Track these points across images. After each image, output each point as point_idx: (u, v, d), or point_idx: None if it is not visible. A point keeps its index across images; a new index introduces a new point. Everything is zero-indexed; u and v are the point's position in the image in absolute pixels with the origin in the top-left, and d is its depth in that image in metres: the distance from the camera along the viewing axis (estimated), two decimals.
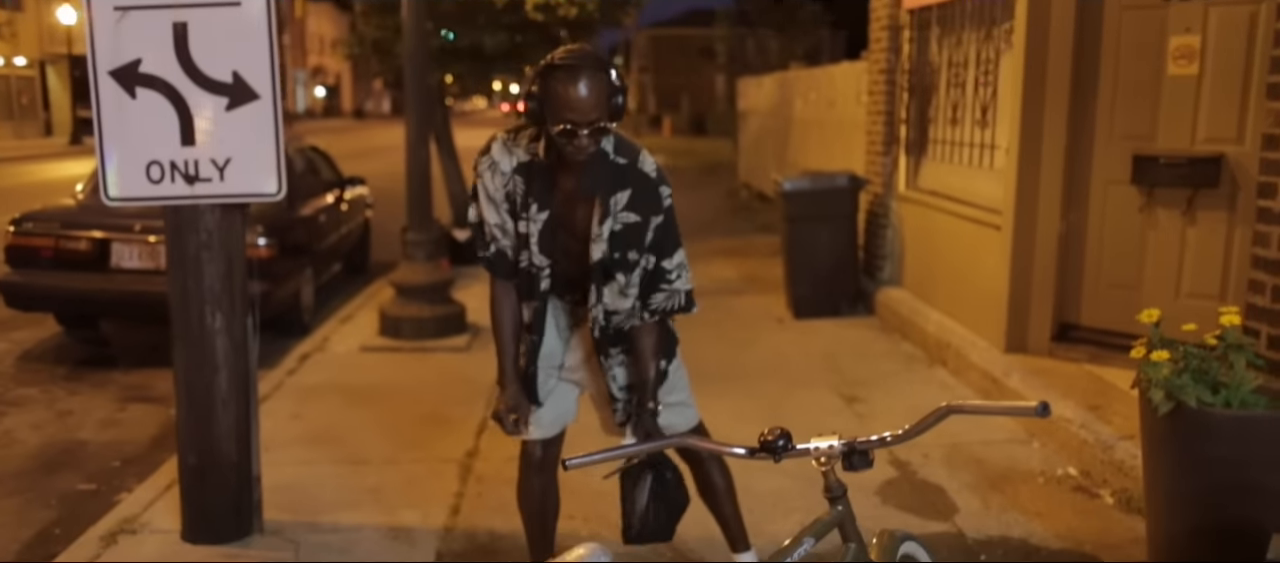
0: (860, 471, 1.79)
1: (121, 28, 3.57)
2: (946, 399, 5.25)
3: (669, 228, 2.69)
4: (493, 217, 2.70)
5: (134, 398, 5.86)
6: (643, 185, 2.62)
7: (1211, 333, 3.04)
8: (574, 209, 2.66)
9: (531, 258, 2.69)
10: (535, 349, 2.82)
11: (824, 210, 7.22)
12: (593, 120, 2.44)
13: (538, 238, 2.66)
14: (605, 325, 2.75)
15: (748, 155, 16.15)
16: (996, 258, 5.55)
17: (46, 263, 6.55)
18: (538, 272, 2.71)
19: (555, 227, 2.67)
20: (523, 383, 2.83)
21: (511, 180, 2.66)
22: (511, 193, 2.67)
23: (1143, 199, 5.07)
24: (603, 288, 2.69)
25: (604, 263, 2.65)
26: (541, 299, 2.76)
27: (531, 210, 2.65)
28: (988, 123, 5.95)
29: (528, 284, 2.74)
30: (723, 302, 7.99)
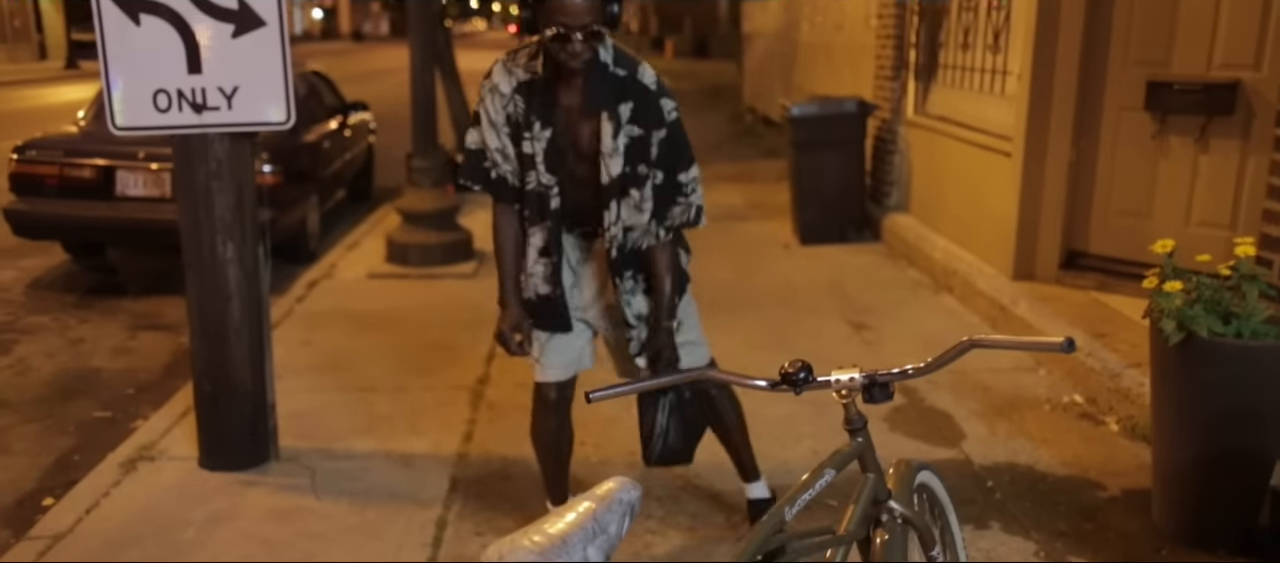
0: (880, 403, 1.80)
1: None
2: (953, 327, 5.29)
3: (677, 141, 2.68)
4: (494, 141, 2.69)
5: (144, 326, 5.90)
6: (643, 97, 2.62)
7: (1224, 263, 3.03)
8: (579, 126, 2.65)
9: (539, 178, 2.68)
10: (556, 271, 2.79)
11: (832, 136, 7.17)
12: (585, 24, 2.43)
13: (543, 157, 2.66)
14: (623, 243, 2.73)
15: (753, 79, 15.97)
16: (1006, 185, 5.53)
17: (51, 191, 6.53)
18: (546, 191, 2.69)
19: (560, 145, 2.66)
20: (548, 307, 2.82)
21: (511, 101, 2.65)
22: (512, 114, 2.66)
23: (1155, 126, 5.03)
24: (619, 203, 2.67)
25: (621, 178, 2.64)
26: (553, 220, 2.73)
27: (535, 129, 2.64)
28: (1000, 48, 5.87)
29: (537, 206, 2.72)
30: (729, 227, 7.98)
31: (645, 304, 2.81)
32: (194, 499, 3.49)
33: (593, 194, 2.70)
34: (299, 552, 3.15)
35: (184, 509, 3.43)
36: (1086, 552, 3.09)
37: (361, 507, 3.44)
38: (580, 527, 1.33)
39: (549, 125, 2.63)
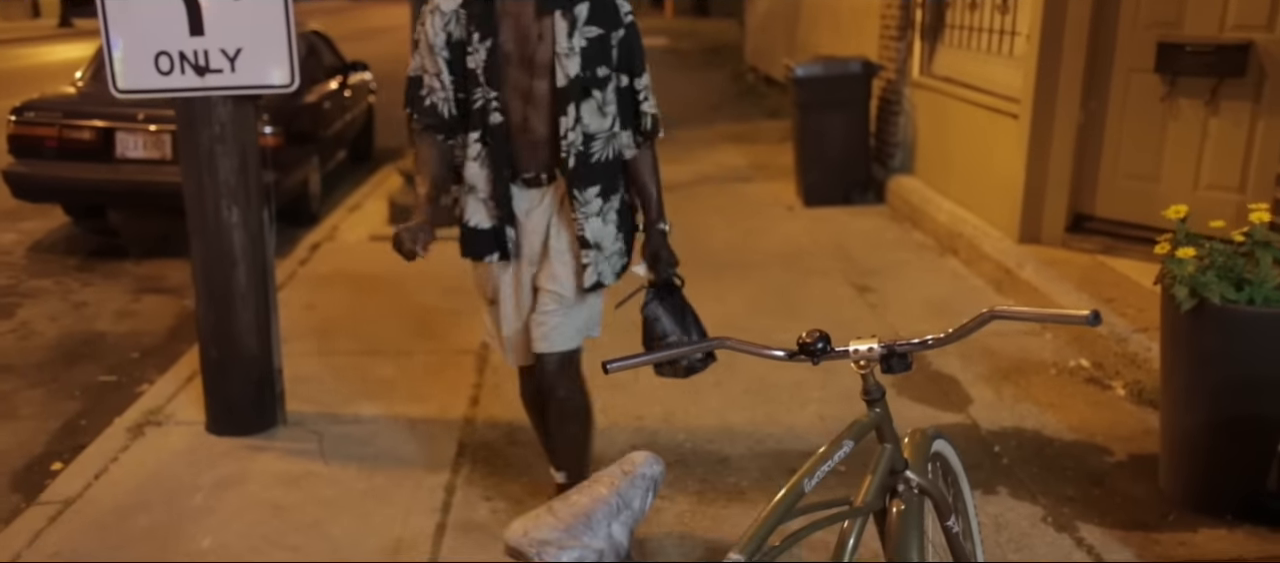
0: (899, 373, 1.79)
1: None
2: (958, 291, 5.28)
3: (634, 44, 2.65)
4: (431, 66, 2.62)
5: (147, 289, 5.88)
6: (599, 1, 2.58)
7: (1238, 229, 3.02)
8: (527, 31, 2.56)
9: (481, 91, 2.58)
10: (505, 194, 2.65)
11: (836, 97, 7.11)
12: None
13: (484, 69, 2.56)
14: (584, 152, 2.62)
15: (755, 37, 15.82)
16: (1012, 147, 5.49)
17: (51, 153, 6.48)
18: (487, 104, 2.59)
19: (504, 53, 2.57)
20: (495, 235, 2.70)
21: (453, 18, 2.57)
22: (454, 33, 2.58)
23: (1165, 88, 4.98)
24: (579, 106, 2.58)
25: (581, 79, 2.56)
26: (496, 138, 2.60)
27: (474, 40, 2.56)
28: (1008, 8, 5.81)
29: (480, 122, 2.61)
30: (732, 189, 7.95)
31: (602, 226, 2.69)
32: (202, 464, 3.50)
33: (545, 107, 2.60)
34: (309, 517, 3.16)
35: (192, 474, 3.44)
36: (1094, 517, 3.10)
37: (370, 472, 3.45)
38: (604, 502, 1.32)
39: (489, 35, 2.55)
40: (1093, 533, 3.01)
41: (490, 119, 2.59)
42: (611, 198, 2.71)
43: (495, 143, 2.61)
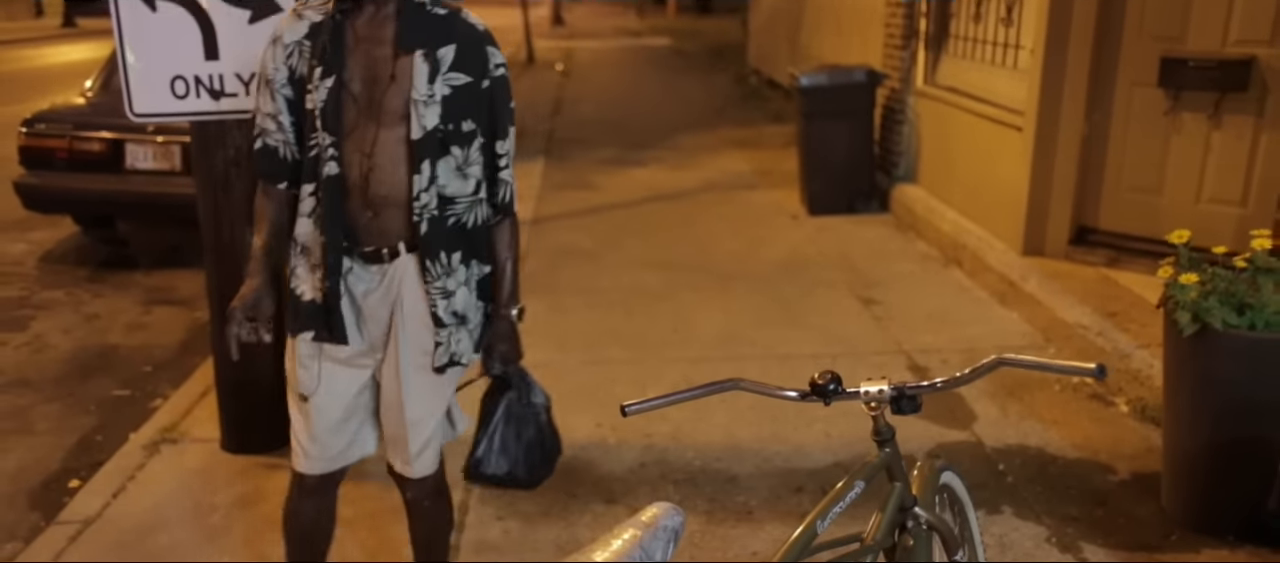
0: (908, 414, 1.84)
1: None
2: (962, 303, 5.32)
3: (503, 99, 2.26)
4: (267, 105, 2.24)
5: (158, 300, 5.93)
6: (471, 39, 2.21)
7: (1239, 249, 3.06)
8: (378, 74, 2.16)
9: (317, 137, 2.17)
10: (336, 264, 2.22)
11: (841, 106, 7.15)
12: None
13: (321, 111, 2.15)
14: (439, 218, 2.21)
15: (758, 40, 15.86)
16: (1016, 159, 5.53)
17: (61, 164, 6.52)
18: (322, 152, 2.17)
19: (348, 94, 2.16)
20: (324, 310, 2.26)
21: (294, 50, 2.20)
22: (294, 67, 2.21)
23: (1168, 102, 5.02)
24: (436, 164, 2.18)
25: (439, 133, 2.17)
26: (330, 190, 2.18)
27: (315, 77, 2.16)
28: (1012, 21, 5.85)
29: (314, 175, 2.20)
30: (736, 196, 8.00)
31: (465, 298, 2.31)
32: (220, 483, 3.55)
33: (394, 162, 2.18)
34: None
35: (210, 493, 3.49)
36: (1098, 537, 3.15)
37: (386, 490, 3.48)
38: (625, 555, 1.36)
39: (332, 71, 2.14)
40: (1096, 554, 3.06)
41: (324, 170, 2.17)
42: (476, 266, 2.32)
43: (330, 199, 2.18)
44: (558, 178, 8.79)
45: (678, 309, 5.31)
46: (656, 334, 4.96)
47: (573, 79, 17.17)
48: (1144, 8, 5.04)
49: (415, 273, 2.26)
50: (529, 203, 7.84)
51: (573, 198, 8.02)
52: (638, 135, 11.01)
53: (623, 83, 16.82)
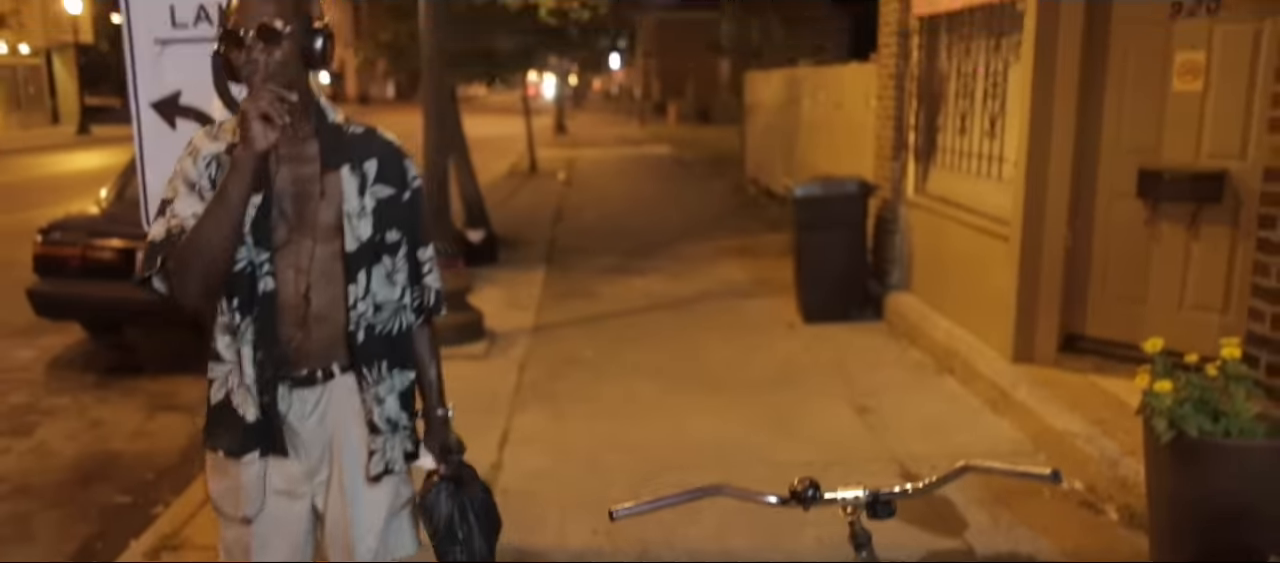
0: (883, 519, 1.92)
1: (162, 61, 3.70)
2: (954, 411, 5.40)
3: (420, 209, 2.37)
4: (191, 206, 2.14)
5: (162, 406, 6.02)
6: (390, 154, 2.30)
7: (1212, 363, 3.16)
8: (309, 189, 2.22)
9: (245, 252, 2.16)
10: (273, 382, 2.21)
11: (834, 216, 7.34)
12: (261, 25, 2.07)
13: (252, 227, 2.15)
14: (371, 325, 2.28)
15: (755, 151, 16.23)
16: (1004, 267, 5.67)
17: (74, 272, 6.68)
18: (256, 270, 2.18)
19: (279, 210, 2.19)
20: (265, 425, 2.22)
21: (215, 163, 2.18)
22: (216, 179, 2.17)
23: (1147, 212, 5.18)
24: (371, 274, 2.26)
25: (372, 244, 2.25)
26: (263, 307, 2.19)
27: None
28: (996, 134, 6.06)
29: (246, 292, 2.18)
30: (733, 304, 8.13)
31: (394, 405, 2.34)
32: None
33: (327, 275, 2.24)
34: None
35: None
36: None
37: None
38: None
39: (261, 187, 2.15)
40: None
41: (259, 287, 2.18)
42: (401, 373, 2.36)
43: (264, 316, 2.20)
44: (559, 287, 8.94)
45: (675, 417, 5.38)
46: (654, 442, 5.03)
47: (575, 187, 17.52)
48: (1120, 122, 5.24)
49: (350, 389, 2.30)
50: (530, 311, 7.98)
51: (573, 306, 8.16)
52: (638, 244, 11.22)
53: (624, 191, 17.15)
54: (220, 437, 2.25)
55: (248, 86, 2.09)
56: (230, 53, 2.11)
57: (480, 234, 10.16)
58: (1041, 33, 5.30)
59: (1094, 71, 5.29)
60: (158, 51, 3.73)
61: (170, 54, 3.72)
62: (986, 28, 6.16)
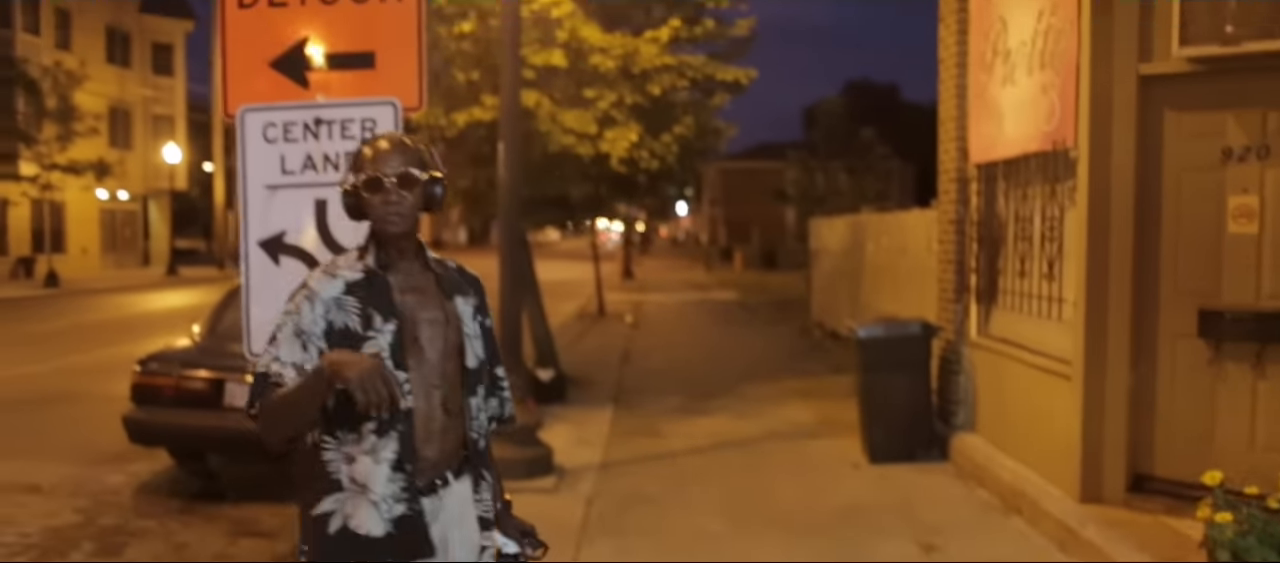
0: None
1: (271, 205, 4.08)
2: (1022, 552, 5.37)
3: (493, 333, 2.66)
4: (295, 355, 2.35)
5: (244, 532, 6.24)
6: (480, 287, 2.64)
7: (1274, 496, 3.19)
8: (429, 313, 2.48)
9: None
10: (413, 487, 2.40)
11: (898, 357, 7.44)
12: (400, 170, 2.39)
13: (391, 351, 2.39)
14: (477, 440, 2.58)
15: (820, 295, 16.42)
16: (1068, 407, 5.70)
17: (167, 401, 7.04)
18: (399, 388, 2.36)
19: (411, 335, 2.43)
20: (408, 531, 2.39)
21: (337, 306, 2.40)
22: (337, 322, 2.39)
23: (1211, 352, 5.22)
24: (482, 389, 2.57)
25: (481, 364, 2.56)
26: (407, 423, 2.40)
27: (375, 323, 2.40)
28: (1054, 276, 6.17)
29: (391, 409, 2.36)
30: (798, 445, 8.18)
31: (492, 501, 2.60)
32: None
33: (454, 389, 2.49)
34: None
35: None
36: None
37: None
38: None
39: (393, 316, 2.41)
40: None
41: (401, 404, 2.36)
42: (492, 473, 2.65)
43: (405, 432, 2.40)
44: (626, 425, 9.09)
45: (741, 554, 5.42)
46: None
47: (642, 330, 17.80)
48: (1177, 263, 5.34)
49: (461, 494, 2.50)
50: (598, 448, 8.12)
51: (640, 444, 8.28)
52: (704, 385, 11.35)
53: (690, 334, 17.37)
54: (339, 554, 2.38)
55: (377, 223, 2.42)
56: (367, 194, 2.40)
57: (550, 373, 10.40)
58: (1094, 179, 5.48)
59: (1148, 215, 5.42)
60: (267, 196, 4.11)
61: (279, 198, 4.10)
62: (1042, 174, 6.35)
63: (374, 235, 2.49)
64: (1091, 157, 5.48)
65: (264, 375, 2.37)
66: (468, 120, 9.38)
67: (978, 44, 7.30)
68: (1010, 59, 6.61)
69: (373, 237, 2.49)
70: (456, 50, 9.25)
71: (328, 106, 4.07)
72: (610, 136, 9.51)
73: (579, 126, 9.36)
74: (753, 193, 57.35)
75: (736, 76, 10.77)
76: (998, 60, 6.86)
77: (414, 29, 4.12)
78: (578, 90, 9.70)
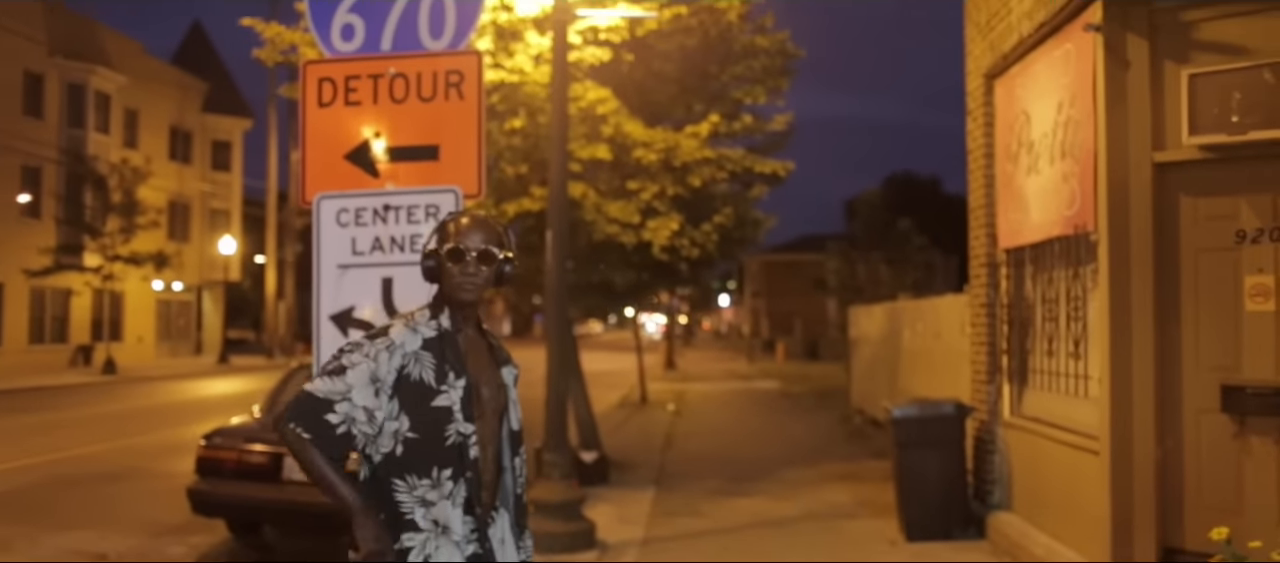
0: None
1: (342, 282, 4.47)
2: None
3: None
4: (366, 400, 2.62)
5: None
6: (514, 363, 2.96)
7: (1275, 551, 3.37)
8: (490, 378, 2.82)
9: (458, 428, 2.68)
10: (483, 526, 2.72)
11: (932, 436, 7.62)
12: (480, 247, 2.71)
13: (460, 406, 2.69)
14: (521, 496, 2.90)
15: (860, 382, 16.54)
16: (1097, 482, 5.85)
17: (229, 473, 7.41)
18: (465, 441, 2.69)
19: (475, 395, 2.74)
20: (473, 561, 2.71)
21: (415, 359, 2.69)
22: (411, 373, 2.67)
23: (1235, 427, 5.38)
24: (521, 450, 2.90)
25: (520, 429, 2.90)
26: (474, 470, 2.70)
27: (449, 378, 2.69)
28: (1080, 354, 6.38)
29: (457, 458, 2.68)
30: (836, 524, 8.32)
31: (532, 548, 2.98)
32: None
33: (500, 447, 2.84)
34: None
35: None
36: None
37: None
38: None
39: (463, 374, 2.71)
40: None
41: (468, 453, 2.69)
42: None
43: (473, 477, 2.70)
44: (667, 505, 9.28)
45: None
46: None
47: (683, 417, 17.97)
48: (1198, 340, 5.54)
49: (510, 542, 2.84)
50: (639, 526, 8.32)
51: (681, 523, 8.47)
52: (744, 469, 11.51)
53: (731, 421, 17.51)
54: None
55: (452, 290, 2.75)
56: (449, 263, 2.73)
57: (593, 455, 10.65)
58: (1115, 260, 5.72)
59: (1168, 294, 5.64)
60: (339, 275, 4.50)
61: (349, 277, 4.49)
62: (1066, 257, 6.61)
63: (443, 300, 2.79)
64: (1111, 239, 5.74)
65: (327, 404, 2.60)
66: (517, 210, 9.85)
67: (1003, 136, 7.64)
68: (1034, 149, 6.94)
69: (442, 300, 2.79)
70: (506, 145, 9.76)
71: (395, 194, 4.48)
72: (653, 226, 9.92)
73: (623, 216, 9.79)
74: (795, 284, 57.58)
75: (774, 169, 11.18)
76: (1022, 151, 7.18)
77: (474, 125, 4.54)
78: (622, 182, 10.16)
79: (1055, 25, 6.45)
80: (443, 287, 2.80)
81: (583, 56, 9.27)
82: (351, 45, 4.63)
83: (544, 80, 8.95)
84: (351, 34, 4.63)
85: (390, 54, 4.60)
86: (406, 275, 4.39)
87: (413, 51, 4.58)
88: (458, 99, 4.52)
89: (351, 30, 4.63)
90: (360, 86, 4.58)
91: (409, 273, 4.36)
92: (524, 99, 9.44)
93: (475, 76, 4.53)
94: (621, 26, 9.36)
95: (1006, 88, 7.60)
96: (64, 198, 30.08)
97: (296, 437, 2.61)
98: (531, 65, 9.22)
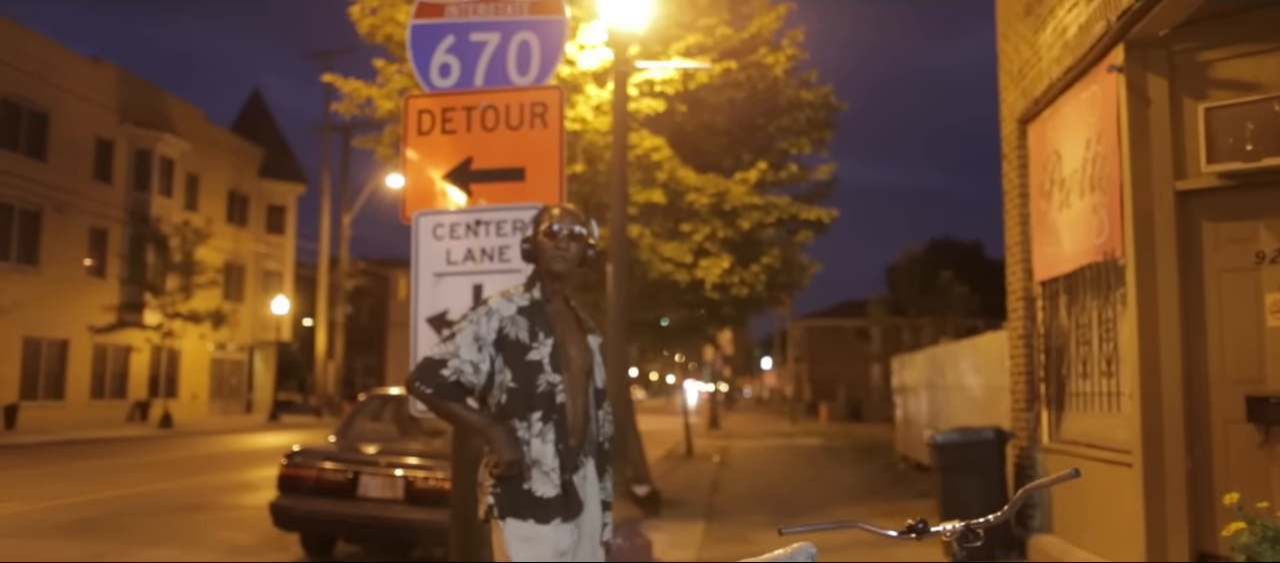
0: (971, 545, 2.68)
1: (437, 289, 5.00)
2: None
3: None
4: (472, 356, 3.23)
5: None
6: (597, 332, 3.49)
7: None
8: (573, 340, 3.34)
9: (547, 378, 3.23)
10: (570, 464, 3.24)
11: (972, 460, 7.96)
12: (573, 230, 3.31)
13: (549, 359, 3.24)
14: (603, 443, 3.39)
15: (904, 429, 16.79)
16: (1131, 493, 6.18)
17: (308, 490, 7.93)
18: (553, 388, 3.23)
19: (562, 352, 3.28)
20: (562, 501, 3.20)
21: (511, 322, 3.26)
22: (509, 333, 3.25)
23: (1261, 436, 5.71)
24: (604, 404, 3.40)
25: (603, 386, 3.40)
26: (561, 413, 3.24)
27: (539, 338, 3.26)
28: (1112, 373, 6.75)
29: (547, 402, 3.22)
30: (881, 550, 8.62)
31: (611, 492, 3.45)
32: None
33: (587, 399, 3.35)
34: None
35: None
36: None
37: None
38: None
39: (551, 335, 3.27)
40: None
41: (556, 398, 3.24)
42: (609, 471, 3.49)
43: (560, 420, 3.24)
44: (717, 532, 9.65)
45: None
46: None
47: (729, 468, 18.27)
48: (1223, 356, 5.90)
49: (593, 480, 3.35)
50: (692, 549, 8.69)
51: (731, 548, 8.83)
52: (790, 507, 11.83)
53: (776, 471, 17.78)
54: (534, 510, 3.19)
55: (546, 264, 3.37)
56: (545, 240, 3.35)
57: (645, 489, 11.05)
58: (1142, 283, 6.12)
59: (1193, 312, 6.03)
60: (434, 282, 5.05)
61: (443, 284, 5.03)
62: (1096, 284, 7.01)
63: (538, 276, 3.40)
64: (1138, 264, 6.14)
65: (440, 362, 3.23)
66: None
67: (1037, 176, 8.09)
68: (1065, 185, 7.38)
69: (537, 276, 3.40)
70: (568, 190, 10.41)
71: (485, 211, 5.04)
72: (704, 265, 10.47)
73: (676, 256, 10.34)
74: (837, 349, 57.58)
75: (818, 216, 11.71)
76: (1055, 188, 7.63)
77: (556, 150, 5.11)
78: (675, 224, 10.74)
79: (1082, 69, 6.94)
80: (538, 262, 3.40)
81: (640, 107, 9.90)
82: (448, 81, 5.23)
83: (603, 128, 9.58)
84: (448, 72, 5.23)
85: (482, 89, 5.19)
86: (495, 283, 4.91)
87: (502, 86, 5.18)
88: (542, 127, 5.09)
89: (448, 68, 5.24)
90: (454, 117, 5.17)
91: (497, 281, 4.89)
92: (584, 147, 10.08)
93: (557, 108, 5.11)
94: (675, 79, 10.00)
95: (1038, 130, 8.07)
96: (127, 258, 31.29)
97: (421, 391, 3.25)
98: (592, 114, 9.87)
